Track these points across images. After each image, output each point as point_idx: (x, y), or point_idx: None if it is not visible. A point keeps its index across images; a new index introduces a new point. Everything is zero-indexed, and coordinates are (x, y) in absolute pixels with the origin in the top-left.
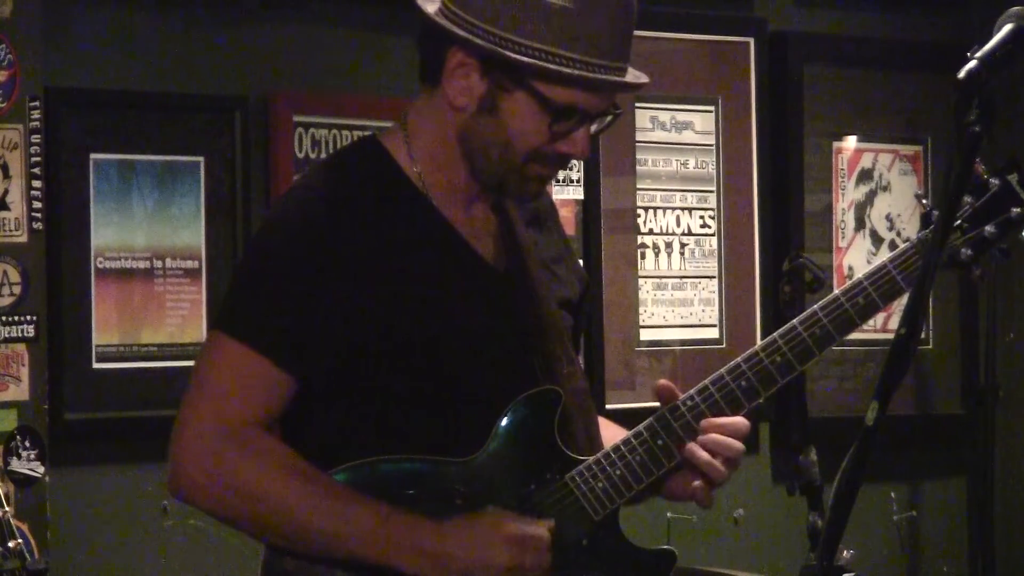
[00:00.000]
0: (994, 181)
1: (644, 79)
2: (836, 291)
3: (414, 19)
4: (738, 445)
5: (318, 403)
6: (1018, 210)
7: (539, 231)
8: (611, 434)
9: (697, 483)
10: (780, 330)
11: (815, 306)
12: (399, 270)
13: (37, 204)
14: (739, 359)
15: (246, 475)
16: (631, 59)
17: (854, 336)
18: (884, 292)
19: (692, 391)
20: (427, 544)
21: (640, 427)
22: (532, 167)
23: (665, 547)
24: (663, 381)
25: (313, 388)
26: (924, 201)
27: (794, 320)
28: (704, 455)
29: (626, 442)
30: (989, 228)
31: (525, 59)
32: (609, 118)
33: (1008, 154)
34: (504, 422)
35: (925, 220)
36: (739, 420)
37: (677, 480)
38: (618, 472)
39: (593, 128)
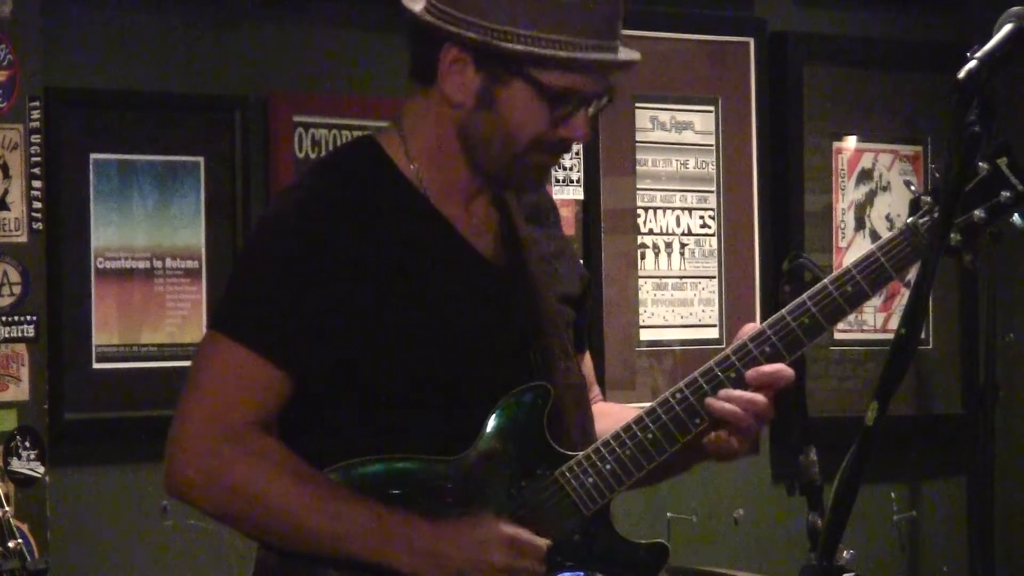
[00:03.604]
0: (983, 165)
1: (636, 55)
2: (825, 280)
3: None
4: (759, 398)
5: (315, 401)
6: (1007, 194)
7: (539, 228)
8: (612, 423)
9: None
10: (769, 320)
11: (804, 295)
12: (395, 268)
13: (37, 204)
14: (728, 349)
15: (243, 475)
16: (622, 40)
17: (854, 336)
18: (872, 280)
19: (682, 383)
20: (423, 543)
21: (629, 421)
22: (534, 156)
23: (657, 541)
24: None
25: (310, 386)
26: (913, 187)
27: (783, 310)
28: (725, 406)
29: (616, 436)
30: (978, 213)
31: (519, 47)
32: (605, 99)
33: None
34: (493, 419)
35: (914, 206)
36: (782, 368)
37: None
38: (608, 467)
39: (590, 111)
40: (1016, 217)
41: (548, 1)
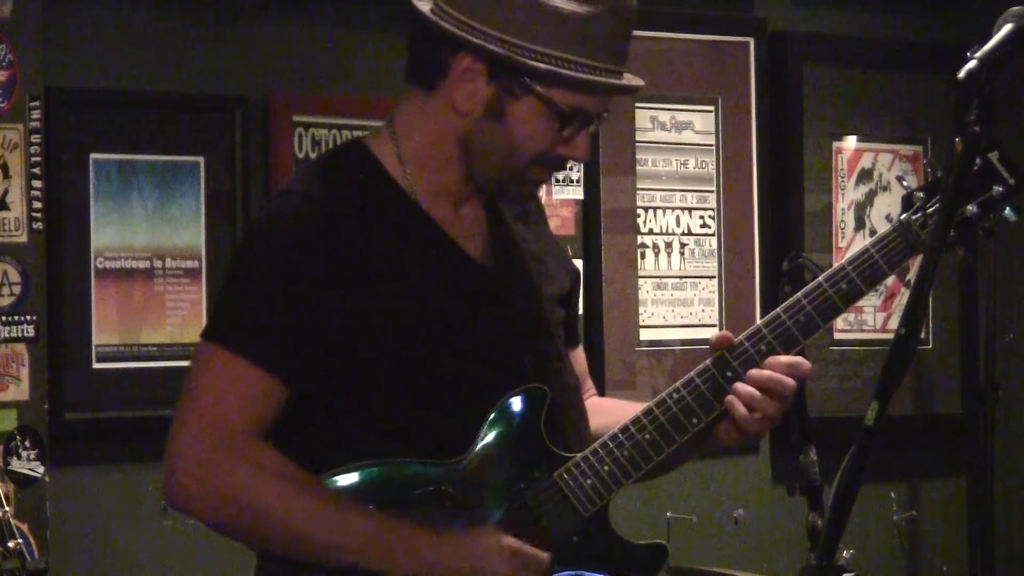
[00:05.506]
0: (975, 161)
1: (641, 82)
2: (820, 277)
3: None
4: (789, 382)
5: (309, 407)
6: (999, 188)
7: (526, 226)
8: (608, 420)
9: (757, 415)
10: (765, 318)
11: (798, 293)
12: (387, 273)
13: (37, 204)
14: (723, 349)
15: (241, 485)
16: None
17: (854, 336)
18: (866, 277)
19: (678, 383)
20: (425, 552)
21: (627, 422)
22: (532, 171)
23: (656, 541)
24: (723, 333)
25: (304, 392)
26: (904, 183)
27: (778, 309)
28: (749, 390)
29: (613, 437)
30: (971, 207)
31: (541, 65)
32: (602, 119)
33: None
34: (491, 421)
35: (906, 202)
36: (801, 360)
37: (720, 431)
38: (606, 468)
39: (591, 130)
40: (1008, 211)
41: (569, 22)
